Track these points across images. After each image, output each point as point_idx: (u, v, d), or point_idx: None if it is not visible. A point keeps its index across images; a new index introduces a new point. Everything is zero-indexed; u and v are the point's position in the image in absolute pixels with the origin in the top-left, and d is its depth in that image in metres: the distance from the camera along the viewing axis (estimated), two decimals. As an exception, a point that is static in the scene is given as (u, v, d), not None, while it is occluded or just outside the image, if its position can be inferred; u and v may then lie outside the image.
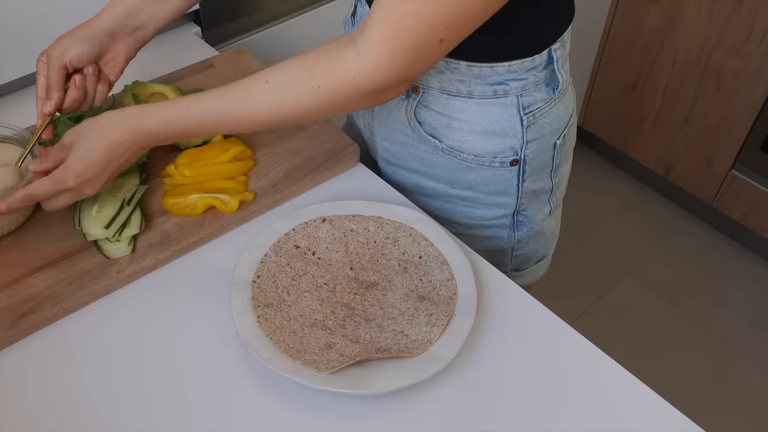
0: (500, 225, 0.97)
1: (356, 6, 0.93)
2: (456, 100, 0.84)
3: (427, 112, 0.87)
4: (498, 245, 1.00)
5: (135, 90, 0.98)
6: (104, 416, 0.70)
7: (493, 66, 0.81)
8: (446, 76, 0.83)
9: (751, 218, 2.02)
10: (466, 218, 0.97)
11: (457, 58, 0.81)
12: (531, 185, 0.93)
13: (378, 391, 0.69)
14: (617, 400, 0.73)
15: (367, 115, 0.96)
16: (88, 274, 0.80)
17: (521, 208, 0.96)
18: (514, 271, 1.05)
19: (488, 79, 0.82)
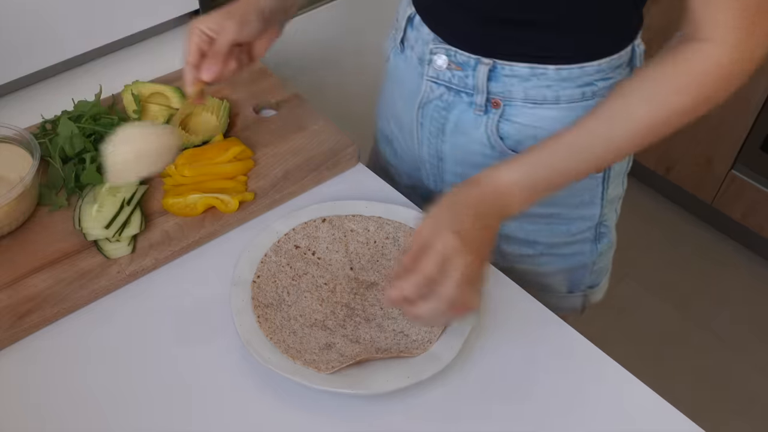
0: (583, 239, 0.94)
1: (406, 30, 0.88)
2: (542, 109, 0.80)
3: (510, 126, 0.83)
4: (580, 262, 0.96)
5: (135, 90, 0.98)
6: (104, 416, 0.70)
7: (583, 66, 0.78)
8: (532, 84, 0.79)
9: (751, 218, 2.01)
10: (549, 237, 0.92)
11: (545, 63, 0.77)
12: (611, 192, 0.91)
13: (378, 391, 0.69)
14: (617, 401, 0.73)
15: (434, 142, 0.90)
16: (88, 274, 0.80)
17: (603, 218, 0.92)
18: (590, 287, 1.01)
19: (577, 81, 0.79)
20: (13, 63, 1.02)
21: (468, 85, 0.82)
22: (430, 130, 0.89)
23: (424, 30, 0.84)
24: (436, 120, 0.87)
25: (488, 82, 0.80)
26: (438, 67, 0.83)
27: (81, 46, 1.08)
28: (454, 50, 0.80)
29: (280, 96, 1.04)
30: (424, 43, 0.84)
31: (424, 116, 0.88)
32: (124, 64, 1.11)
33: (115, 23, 1.10)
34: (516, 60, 0.78)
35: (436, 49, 0.82)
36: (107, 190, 0.85)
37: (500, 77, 0.79)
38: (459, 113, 0.84)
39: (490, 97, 0.81)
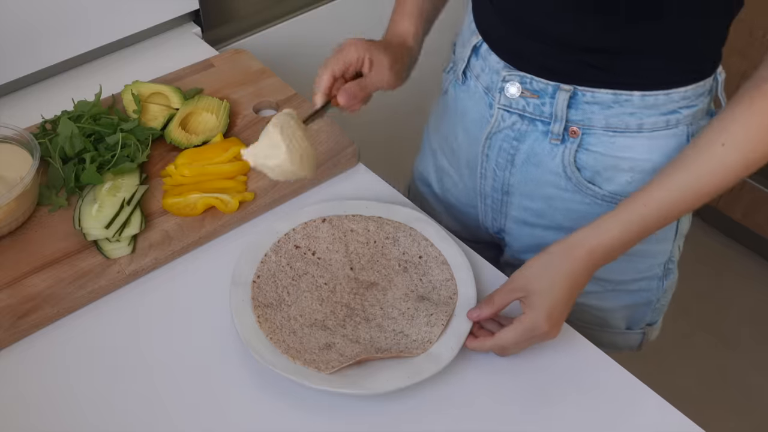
0: (651, 276, 0.90)
1: (469, 60, 0.85)
2: (623, 137, 0.77)
3: (588, 156, 0.79)
4: (644, 299, 0.93)
5: (135, 90, 0.98)
6: (104, 416, 0.70)
7: (669, 93, 0.74)
8: (614, 111, 0.75)
9: (751, 218, 2.01)
10: (617, 274, 0.88)
11: (630, 89, 0.74)
12: (683, 226, 0.88)
13: (378, 391, 0.69)
14: (619, 401, 0.73)
15: (501, 175, 0.86)
16: (88, 274, 0.80)
17: (672, 254, 0.90)
18: (648, 325, 0.98)
19: (662, 109, 0.75)
20: (13, 63, 1.02)
21: (544, 113, 0.78)
22: (497, 162, 0.85)
23: (492, 58, 0.81)
24: (505, 151, 0.83)
25: (568, 109, 0.76)
26: (511, 95, 0.79)
27: (81, 46, 1.08)
28: (530, 77, 0.77)
29: (280, 96, 1.04)
30: (493, 71, 0.81)
31: (491, 147, 0.85)
32: (124, 64, 1.11)
33: (115, 23, 1.10)
34: (599, 86, 0.74)
35: (510, 76, 0.78)
36: (107, 190, 0.85)
37: (581, 104, 0.76)
38: (532, 143, 0.81)
39: (568, 126, 0.77)
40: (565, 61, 0.74)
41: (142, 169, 0.91)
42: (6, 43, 0.99)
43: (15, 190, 0.80)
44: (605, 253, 0.70)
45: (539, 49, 0.75)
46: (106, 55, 1.12)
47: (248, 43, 1.27)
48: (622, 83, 0.73)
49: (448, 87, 0.91)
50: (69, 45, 1.06)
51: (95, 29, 1.08)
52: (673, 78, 0.74)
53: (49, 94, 1.04)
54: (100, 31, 1.09)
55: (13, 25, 0.99)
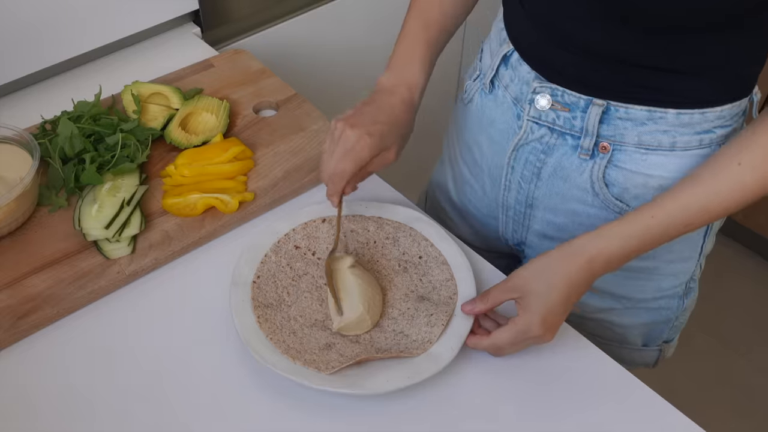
0: (672, 295, 0.89)
1: (498, 69, 0.84)
2: (654, 155, 0.75)
3: (618, 173, 0.77)
4: (664, 317, 0.92)
5: (135, 90, 0.98)
6: (104, 416, 0.70)
7: (704, 112, 0.73)
8: (647, 128, 0.74)
9: (751, 219, 2.01)
10: (638, 292, 0.88)
11: (665, 106, 0.72)
12: (707, 246, 0.86)
13: (378, 391, 0.69)
14: (618, 402, 0.73)
15: (525, 187, 0.85)
16: (88, 275, 0.79)
17: (694, 273, 0.88)
18: (665, 342, 0.97)
19: (696, 128, 0.73)
20: (13, 63, 1.02)
21: (575, 127, 0.77)
22: (523, 174, 0.84)
23: (523, 69, 0.79)
24: (532, 163, 0.82)
25: (600, 124, 0.75)
26: (541, 107, 0.77)
27: (81, 47, 1.08)
28: (561, 90, 0.76)
29: (280, 96, 1.04)
30: (523, 82, 0.79)
31: (518, 159, 0.83)
32: (124, 64, 1.11)
33: (114, 23, 1.10)
34: (633, 102, 0.73)
35: (540, 88, 0.77)
36: (107, 191, 0.85)
37: (613, 120, 0.74)
38: (560, 156, 0.80)
39: (599, 141, 0.76)
40: (599, 74, 0.73)
41: (142, 169, 0.91)
42: (6, 43, 0.99)
43: (15, 190, 0.80)
44: (606, 262, 0.69)
45: (571, 60, 0.74)
46: (106, 56, 1.12)
47: (248, 43, 1.27)
48: (657, 100, 0.72)
49: (474, 95, 0.89)
50: (69, 45, 1.06)
51: (95, 29, 1.08)
52: (710, 97, 0.72)
53: (48, 94, 1.04)
54: (99, 31, 1.09)
55: (13, 25, 0.99)
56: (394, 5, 0.92)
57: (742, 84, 0.74)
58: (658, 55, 0.69)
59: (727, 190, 0.66)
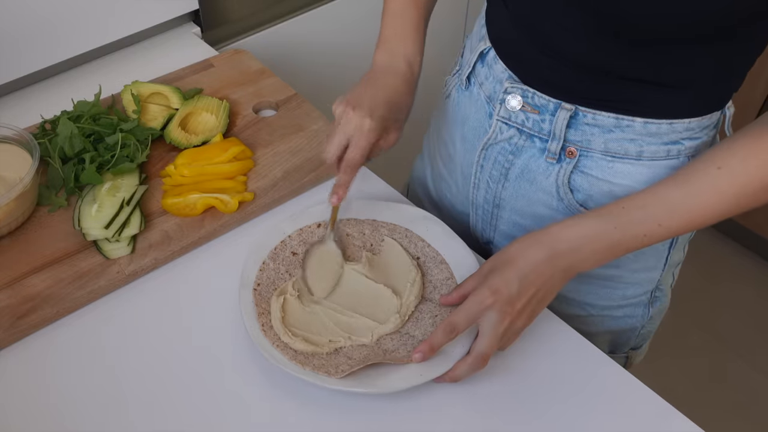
0: (637, 303, 0.89)
1: (475, 66, 0.84)
2: (621, 163, 0.75)
3: (583, 179, 0.77)
4: (629, 325, 0.92)
5: (134, 90, 0.98)
6: (104, 416, 0.70)
7: (672, 123, 0.72)
8: (614, 135, 0.73)
9: (750, 218, 2.02)
10: (603, 300, 0.88)
11: (633, 114, 0.72)
12: (674, 257, 0.86)
13: (391, 390, 0.69)
14: (617, 401, 0.73)
15: (493, 187, 0.85)
16: (87, 274, 0.80)
17: (660, 283, 0.88)
18: (632, 349, 0.97)
19: (664, 138, 0.73)
20: (13, 63, 1.02)
21: (543, 130, 0.76)
22: (491, 174, 0.84)
23: (498, 67, 0.79)
24: (500, 164, 0.82)
25: (567, 128, 0.75)
26: (511, 107, 0.77)
27: (81, 46, 1.08)
28: (532, 92, 0.75)
29: (279, 96, 1.04)
30: (497, 81, 0.79)
31: (487, 158, 0.83)
32: (124, 64, 1.11)
33: (114, 23, 1.10)
34: (601, 108, 0.73)
35: (512, 88, 0.77)
36: (107, 190, 0.85)
37: (581, 125, 0.74)
38: (528, 159, 0.79)
39: (565, 146, 0.76)
40: (570, 78, 0.73)
41: (142, 169, 0.91)
42: (6, 43, 0.99)
43: (14, 190, 0.80)
44: (571, 250, 0.67)
45: (546, 63, 0.73)
46: (106, 55, 1.12)
47: (248, 43, 1.27)
48: (626, 108, 0.72)
49: (451, 91, 0.90)
50: (69, 45, 1.06)
51: (95, 29, 1.08)
52: (678, 109, 0.72)
53: (48, 94, 1.05)
54: (99, 31, 1.09)
55: (13, 25, 0.99)
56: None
57: (718, 98, 0.74)
58: (630, 65, 0.69)
59: (702, 194, 0.65)
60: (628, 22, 0.64)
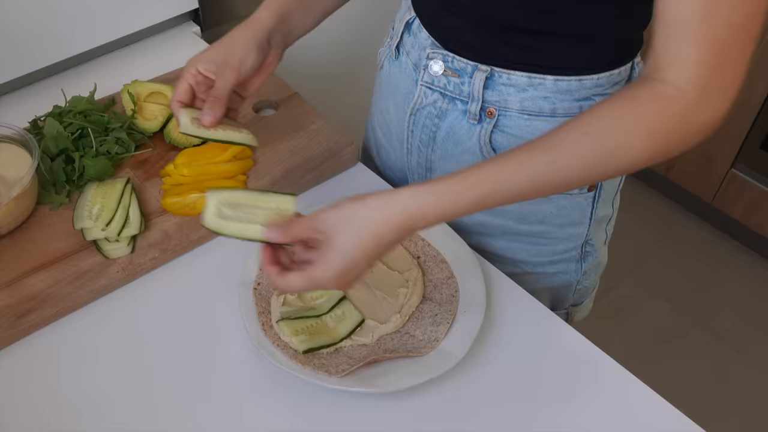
0: (568, 258, 0.92)
1: (402, 35, 0.86)
2: (537, 121, 0.78)
3: (503, 137, 0.80)
4: (564, 281, 0.94)
5: (133, 89, 0.97)
6: (104, 416, 0.70)
7: (581, 79, 0.75)
8: (528, 94, 0.76)
9: (751, 217, 2.01)
10: (534, 256, 0.90)
11: (543, 73, 0.75)
12: (600, 211, 0.88)
13: (391, 389, 0.69)
14: (617, 399, 0.73)
15: (424, 150, 0.87)
16: (87, 274, 0.80)
17: (589, 237, 0.90)
18: (573, 306, 1.00)
19: (575, 94, 0.76)
20: (13, 62, 1.02)
21: (463, 93, 0.79)
22: (421, 138, 0.86)
23: (422, 35, 0.82)
24: (428, 128, 0.85)
25: (484, 90, 0.78)
26: (434, 73, 0.80)
27: (80, 45, 1.08)
28: (452, 56, 0.78)
29: (279, 95, 1.04)
30: (421, 48, 0.82)
31: (416, 123, 0.86)
32: (124, 63, 1.11)
33: (114, 22, 1.10)
34: (514, 68, 0.76)
35: (433, 54, 0.80)
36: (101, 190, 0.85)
37: (497, 85, 0.77)
38: (452, 121, 0.82)
39: (485, 106, 0.79)
40: (486, 41, 0.76)
41: (141, 169, 0.91)
42: (6, 42, 0.99)
43: (14, 189, 0.80)
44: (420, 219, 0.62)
45: (464, 26, 0.76)
46: (106, 54, 1.12)
47: (247, 42, 1.26)
48: (537, 66, 0.74)
49: (383, 61, 0.93)
50: (69, 44, 1.06)
51: (95, 28, 1.08)
52: (587, 65, 0.75)
53: (48, 93, 1.04)
54: (99, 30, 1.09)
55: (14, 25, 0.99)
56: (393, 5, 0.93)
57: (621, 54, 0.76)
58: (539, 20, 0.71)
59: (566, 160, 0.62)
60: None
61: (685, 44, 0.59)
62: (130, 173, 0.91)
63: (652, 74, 0.61)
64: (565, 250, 0.91)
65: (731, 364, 1.85)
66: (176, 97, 0.76)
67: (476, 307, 0.76)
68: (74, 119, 0.90)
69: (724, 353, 1.87)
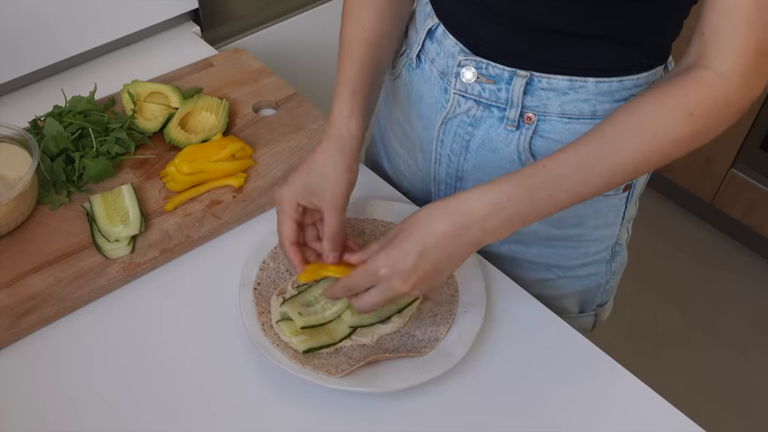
0: (600, 260, 0.91)
1: (424, 43, 0.84)
2: (577, 123, 0.76)
3: (543, 142, 0.78)
4: (595, 282, 0.93)
5: (133, 89, 0.97)
6: (104, 415, 0.70)
7: (622, 80, 0.74)
8: (569, 98, 0.75)
9: (751, 217, 2.01)
10: (567, 260, 0.89)
11: (585, 75, 0.74)
12: (630, 211, 0.88)
13: (392, 389, 0.69)
14: (617, 400, 0.73)
15: (455, 160, 0.85)
16: (87, 274, 0.80)
17: (619, 237, 0.90)
18: (599, 306, 0.99)
19: (615, 96, 0.75)
20: (13, 62, 1.02)
21: (500, 99, 0.77)
22: (452, 148, 0.84)
23: (448, 42, 0.80)
24: (460, 136, 0.82)
25: (524, 95, 0.76)
26: (466, 80, 0.78)
27: (80, 45, 1.08)
28: (486, 62, 0.76)
29: (279, 95, 1.04)
30: (449, 55, 0.80)
31: (446, 132, 0.83)
32: (124, 63, 1.11)
33: (114, 22, 1.10)
34: (555, 72, 0.74)
35: (465, 61, 0.77)
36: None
37: (536, 90, 0.75)
38: (487, 129, 0.80)
39: (524, 112, 0.77)
40: (524, 46, 0.74)
41: (141, 169, 0.91)
42: (6, 41, 0.99)
43: (14, 189, 0.80)
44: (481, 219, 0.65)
45: (499, 31, 0.74)
46: (106, 54, 1.12)
47: (247, 42, 1.27)
48: (578, 69, 0.73)
49: (402, 70, 0.90)
50: (69, 44, 1.06)
51: (95, 28, 1.08)
52: (627, 65, 0.74)
53: (49, 93, 1.04)
54: (99, 30, 1.09)
55: (14, 24, 0.99)
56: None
57: (660, 52, 0.76)
58: (580, 24, 0.70)
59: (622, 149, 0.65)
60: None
61: (738, 31, 0.61)
62: (130, 173, 0.91)
63: (698, 62, 0.63)
64: (597, 252, 0.90)
65: (731, 364, 1.85)
66: (288, 240, 0.75)
67: (476, 307, 0.76)
68: (74, 119, 0.91)
69: (724, 353, 1.87)
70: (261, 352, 0.72)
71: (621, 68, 0.74)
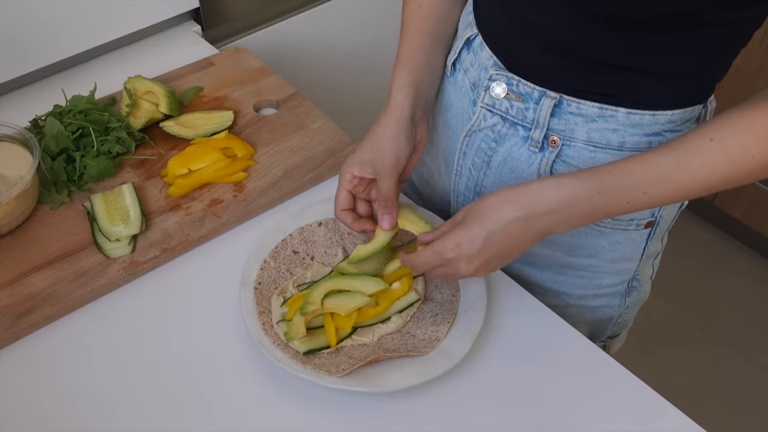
0: (613, 293, 0.89)
1: (461, 52, 0.82)
2: (603, 153, 0.74)
3: (565, 168, 0.76)
4: (606, 315, 0.92)
5: (130, 85, 0.97)
6: (104, 415, 0.70)
7: (655, 114, 0.72)
8: (597, 125, 0.73)
9: (751, 216, 2.01)
10: (580, 289, 0.88)
11: (616, 104, 0.72)
12: (651, 248, 0.86)
13: (392, 389, 0.69)
14: (617, 399, 0.73)
15: (475, 174, 0.84)
16: (87, 273, 0.80)
17: (637, 273, 0.88)
18: (610, 338, 0.98)
19: (646, 129, 0.73)
20: (14, 61, 1.02)
21: (527, 119, 0.76)
22: (473, 162, 0.83)
23: (483, 54, 0.79)
24: (483, 151, 0.81)
25: (551, 117, 0.74)
26: (495, 95, 0.77)
27: (81, 45, 1.08)
28: (517, 79, 0.75)
29: (280, 94, 1.04)
30: (482, 67, 0.79)
31: (470, 145, 0.82)
32: (124, 62, 1.11)
33: (115, 21, 1.10)
34: (585, 97, 0.72)
35: (497, 75, 0.76)
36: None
37: (564, 114, 0.74)
38: (510, 147, 0.79)
39: (549, 134, 0.75)
40: (555, 65, 0.72)
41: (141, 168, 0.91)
42: (7, 41, 0.99)
43: (15, 188, 0.80)
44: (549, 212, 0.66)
45: (535, 50, 0.73)
46: (107, 54, 1.12)
47: (248, 41, 1.27)
48: (610, 96, 0.71)
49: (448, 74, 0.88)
50: (69, 43, 1.06)
51: (96, 28, 1.08)
52: (662, 100, 0.72)
53: (49, 92, 1.04)
54: (100, 29, 1.09)
55: (14, 24, 0.99)
56: (393, 3, 0.92)
57: (701, 91, 0.74)
58: (624, 54, 0.69)
59: (691, 165, 0.64)
60: (604, 7, 0.65)
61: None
62: (130, 172, 0.91)
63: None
64: (612, 285, 0.88)
65: (731, 364, 1.85)
66: (340, 206, 0.78)
67: (477, 307, 0.76)
68: (75, 119, 0.91)
69: (724, 353, 1.87)
70: (261, 352, 0.72)
71: (656, 102, 0.72)
